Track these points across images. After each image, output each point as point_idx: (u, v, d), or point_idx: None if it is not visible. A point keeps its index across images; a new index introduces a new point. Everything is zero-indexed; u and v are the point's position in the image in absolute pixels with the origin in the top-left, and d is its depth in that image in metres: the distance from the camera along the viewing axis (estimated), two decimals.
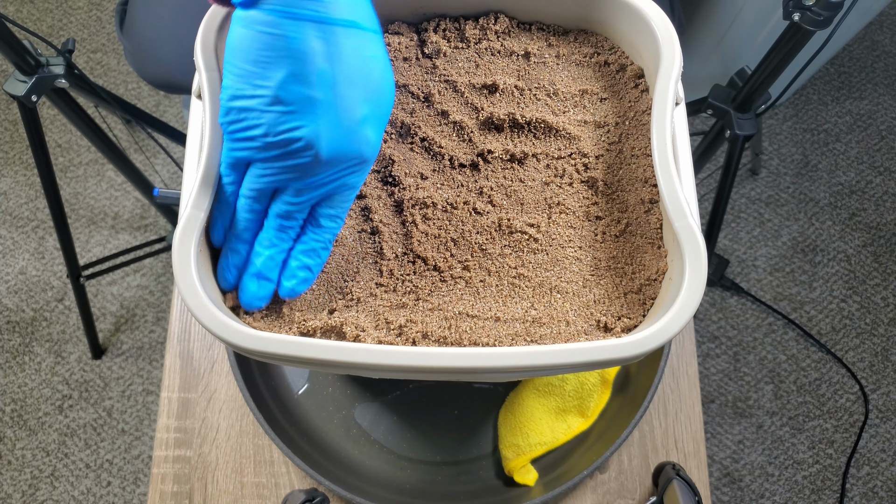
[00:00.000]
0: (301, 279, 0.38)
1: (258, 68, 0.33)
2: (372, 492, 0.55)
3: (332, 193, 0.38)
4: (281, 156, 0.35)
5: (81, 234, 1.34)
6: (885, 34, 1.53)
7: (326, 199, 0.38)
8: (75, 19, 1.50)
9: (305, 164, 0.35)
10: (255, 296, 0.38)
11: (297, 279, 0.38)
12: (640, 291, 0.39)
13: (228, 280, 0.38)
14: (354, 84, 0.34)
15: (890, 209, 1.40)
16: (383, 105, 0.37)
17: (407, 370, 0.34)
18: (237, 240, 0.38)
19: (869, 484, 1.22)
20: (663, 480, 0.55)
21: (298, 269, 0.38)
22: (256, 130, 0.35)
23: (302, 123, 0.34)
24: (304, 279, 0.39)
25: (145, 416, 1.24)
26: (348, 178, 0.37)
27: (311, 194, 0.37)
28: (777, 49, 0.72)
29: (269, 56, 0.33)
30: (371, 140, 0.36)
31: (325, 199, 0.38)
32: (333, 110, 0.34)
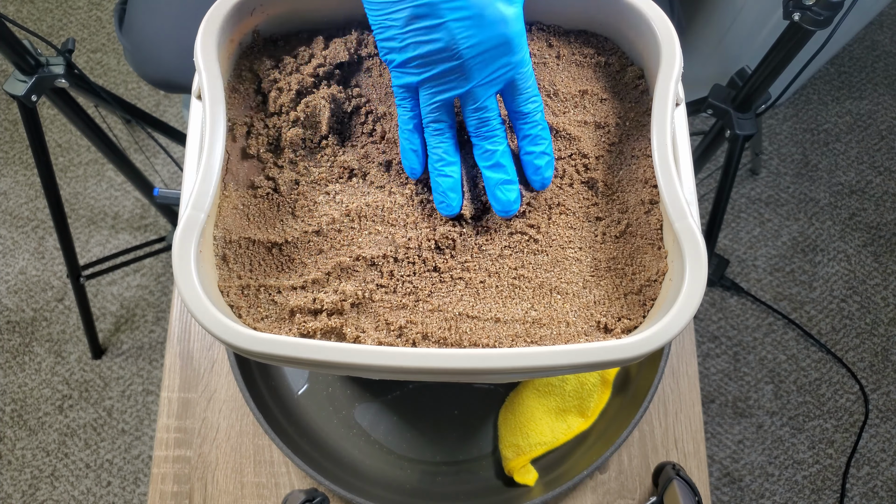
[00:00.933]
0: (544, 165, 0.40)
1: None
2: (372, 492, 0.55)
3: (510, 82, 0.38)
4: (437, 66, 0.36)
5: (81, 234, 1.34)
6: (885, 34, 1.53)
7: (509, 90, 0.39)
8: (75, 19, 1.50)
9: (460, 68, 0.36)
10: (510, 201, 0.39)
11: (541, 167, 0.40)
12: (640, 292, 0.39)
13: (452, 206, 0.40)
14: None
15: (890, 209, 1.40)
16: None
17: (407, 371, 0.34)
18: (444, 163, 0.39)
19: (869, 484, 1.22)
20: (663, 480, 0.55)
21: (535, 160, 0.40)
22: (406, 52, 0.36)
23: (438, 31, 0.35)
24: (547, 164, 0.40)
25: (145, 416, 1.24)
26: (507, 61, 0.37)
27: (486, 92, 0.38)
28: (777, 49, 0.71)
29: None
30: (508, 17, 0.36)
31: (508, 89, 0.39)
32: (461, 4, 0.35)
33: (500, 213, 0.40)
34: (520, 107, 0.39)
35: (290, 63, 0.44)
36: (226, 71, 0.43)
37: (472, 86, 0.37)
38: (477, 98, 0.38)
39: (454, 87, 0.37)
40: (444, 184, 0.40)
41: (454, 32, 0.35)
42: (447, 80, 0.37)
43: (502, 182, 0.39)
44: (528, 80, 0.39)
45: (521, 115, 0.39)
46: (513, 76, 0.38)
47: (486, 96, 0.38)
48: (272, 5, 0.43)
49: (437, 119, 0.39)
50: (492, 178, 0.39)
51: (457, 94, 0.38)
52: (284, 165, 0.43)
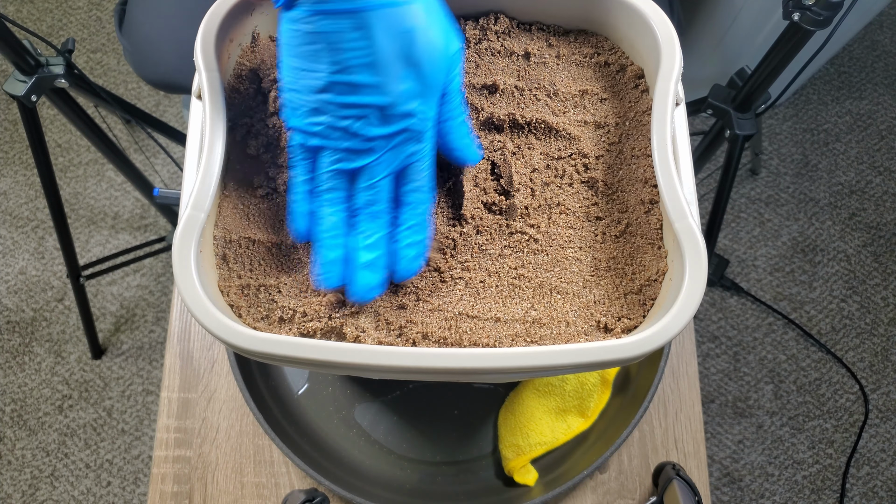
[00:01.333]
0: (412, 256, 0.39)
1: (305, 62, 0.36)
2: (372, 492, 0.55)
3: (403, 169, 0.38)
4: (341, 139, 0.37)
5: (81, 234, 1.34)
6: (885, 34, 1.53)
7: (402, 178, 0.39)
8: (75, 19, 1.50)
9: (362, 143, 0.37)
10: (369, 286, 0.38)
11: (409, 257, 0.39)
12: (640, 292, 0.39)
13: (330, 279, 0.38)
14: (392, 62, 0.35)
15: (890, 209, 1.40)
16: (429, 74, 0.37)
17: (407, 371, 0.34)
18: (330, 235, 0.38)
19: (869, 484, 1.22)
20: (663, 480, 0.55)
21: (404, 249, 0.39)
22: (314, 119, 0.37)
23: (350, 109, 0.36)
24: (416, 255, 0.39)
25: (145, 416, 1.24)
26: (406, 148, 0.38)
27: (380, 173, 0.38)
28: (777, 49, 0.71)
29: (310, 52, 0.35)
30: (417, 112, 0.37)
31: (402, 177, 0.39)
32: (376, 91, 0.35)
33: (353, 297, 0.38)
34: (406, 196, 0.39)
35: None
36: (226, 71, 0.43)
37: (372, 166, 0.37)
38: (372, 177, 0.38)
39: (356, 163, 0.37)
40: (330, 255, 0.38)
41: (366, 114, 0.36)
42: (350, 155, 0.37)
43: (369, 266, 0.38)
44: (422, 173, 0.39)
45: (406, 204, 0.39)
46: (410, 165, 0.38)
47: (381, 178, 0.38)
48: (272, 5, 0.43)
49: (333, 187, 0.38)
50: (361, 260, 0.38)
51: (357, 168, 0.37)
52: (284, 165, 0.43)
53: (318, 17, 0.34)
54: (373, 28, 0.34)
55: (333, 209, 0.38)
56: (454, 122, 0.40)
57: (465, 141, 0.41)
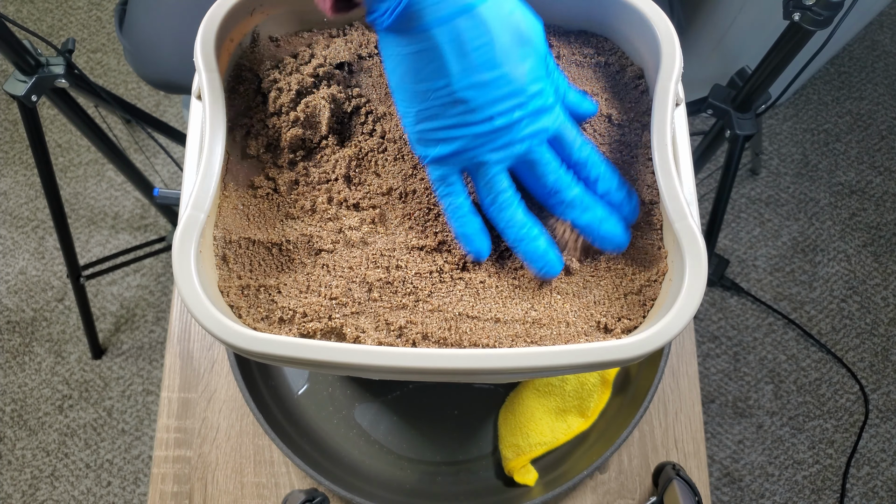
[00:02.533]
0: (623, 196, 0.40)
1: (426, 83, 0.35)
2: (372, 492, 0.55)
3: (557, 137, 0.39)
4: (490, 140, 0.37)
5: (81, 234, 1.34)
6: (885, 34, 1.53)
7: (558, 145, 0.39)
8: (75, 19, 1.50)
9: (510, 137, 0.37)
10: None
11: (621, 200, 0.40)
12: (640, 292, 0.39)
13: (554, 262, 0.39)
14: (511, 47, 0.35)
15: (890, 209, 1.40)
16: (539, 45, 0.37)
17: (407, 371, 0.34)
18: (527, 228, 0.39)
19: (869, 484, 1.22)
20: (663, 480, 0.55)
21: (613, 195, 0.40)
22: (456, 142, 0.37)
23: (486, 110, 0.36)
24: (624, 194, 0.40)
25: (145, 416, 1.24)
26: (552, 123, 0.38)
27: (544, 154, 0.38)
28: (777, 49, 0.71)
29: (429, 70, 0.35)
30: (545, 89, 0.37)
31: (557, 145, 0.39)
32: (505, 81, 0.35)
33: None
34: (572, 156, 0.39)
35: (290, 63, 0.44)
36: (226, 71, 0.43)
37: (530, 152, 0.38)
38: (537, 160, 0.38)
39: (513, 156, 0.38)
40: (540, 246, 0.39)
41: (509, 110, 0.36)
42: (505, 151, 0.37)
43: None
44: (571, 131, 0.39)
45: (577, 164, 0.40)
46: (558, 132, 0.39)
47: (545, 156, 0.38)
48: (272, 5, 0.43)
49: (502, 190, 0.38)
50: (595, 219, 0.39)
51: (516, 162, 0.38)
52: (284, 165, 0.43)
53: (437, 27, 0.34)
54: (487, 20, 0.34)
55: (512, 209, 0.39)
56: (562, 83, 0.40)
57: (578, 95, 0.42)
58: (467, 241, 0.39)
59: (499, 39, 0.34)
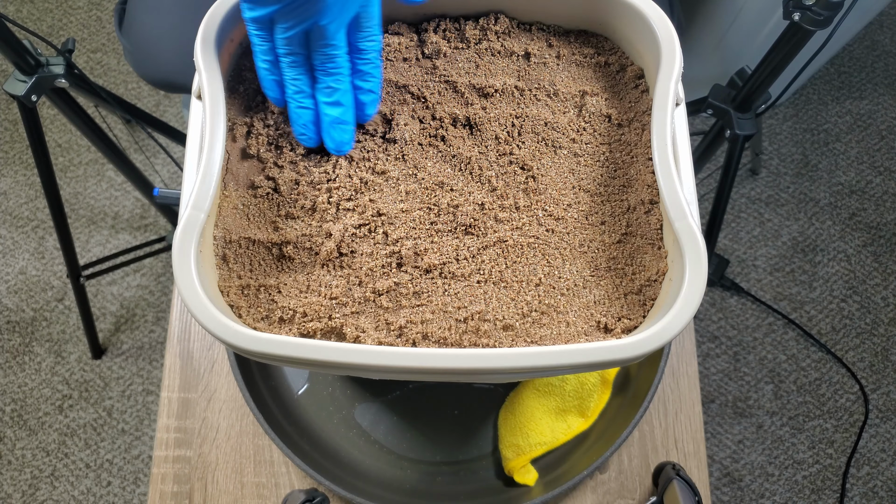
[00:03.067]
0: (368, 102, 0.41)
1: None
2: (372, 492, 0.55)
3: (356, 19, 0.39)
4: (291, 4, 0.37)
5: (81, 234, 1.34)
6: (885, 34, 1.53)
7: (354, 27, 0.40)
8: (75, 19, 1.50)
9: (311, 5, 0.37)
10: (341, 142, 0.41)
11: (365, 103, 0.41)
12: (640, 292, 0.39)
13: (308, 139, 0.41)
14: None
15: (890, 209, 1.40)
16: None
17: (407, 371, 0.34)
18: (301, 96, 0.40)
19: (869, 484, 1.22)
20: (663, 480, 0.55)
21: (362, 96, 0.41)
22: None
23: None
24: (372, 101, 0.42)
25: (145, 416, 1.24)
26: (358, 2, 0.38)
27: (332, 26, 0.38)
28: (777, 49, 0.71)
29: None
30: None
31: (353, 26, 0.40)
32: None
33: (332, 151, 0.42)
34: (358, 42, 0.40)
35: None
36: (226, 71, 0.43)
37: (324, 21, 0.38)
38: (325, 33, 0.39)
39: (306, 20, 0.38)
40: (304, 116, 0.41)
41: None
42: (300, 13, 0.38)
43: (338, 121, 0.40)
44: (371, 20, 0.40)
45: (358, 51, 0.40)
46: (360, 14, 0.39)
47: (334, 32, 0.39)
48: None
49: (292, 52, 0.40)
50: (328, 115, 0.40)
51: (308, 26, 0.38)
52: (284, 165, 0.43)
53: None
54: None
55: (297, 71, 0.40)
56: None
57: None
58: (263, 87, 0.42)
59: None
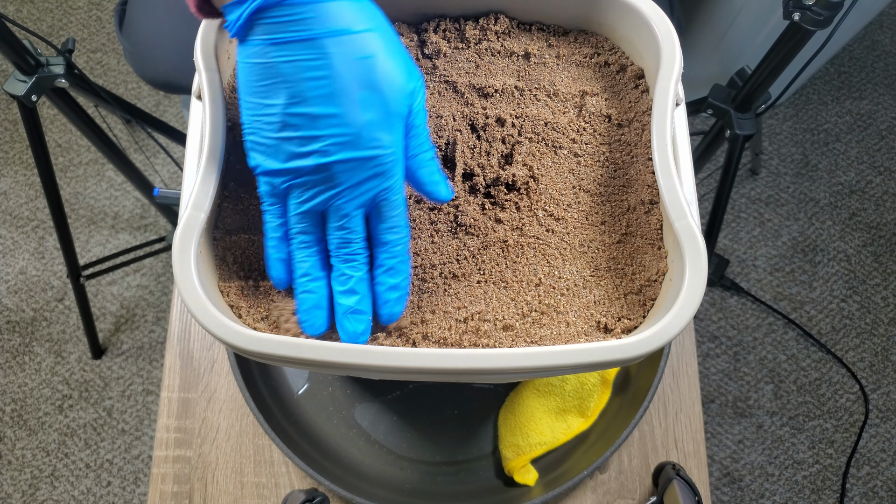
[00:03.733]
0: (394, 300, 0.38)
1: (262, 97, 0.34)
2: (372, 492, 0.55)
3: (376, 205, 0.37)
4: (306, 177, 0.35)
5: (81, 234, 1.34)
6: (885, 34, 1.53)
7: (376, 216, 0.37)
8: (75, 19, 1.50)
9: (330, 181, 0.35)
10: (354, 333, 0.37)
11: (390, 301, 0.38)
12: (640, 292, 0.39)
13: (313, 325, 0.37)
14: (352, 90, 0.34)
15: (890, 209, 1.40)
16: (392, 102, 0.35)
17: (407, 371, 0.34)
18: (305, 280, 0.37)
19: (869, 484, 1.22)
20: (663, 480, 0.55)
21: (386, 292, 0.38)
22: (276, 160, 0.35)
23: (311, 142, 0.34)
24: (397, 299, 0.38)
25: (145, 416, 1.24)
26: (377, 183, 0.36)
27: (351, 211, 0.36)
28: (777, 49, 0.71)
29: (266, 86, 0.34)
30: (383, 143, 0.35)
31: (375, 215, 0.37)
32: (337, 122, 0.34)
33: (345, 341, 0.37)
34: (381, 234, 0.37)
35: None
36: (226, 71, 0.43)
37: (339, 202, 0.36)
38: (342, 215, 0.36)
39: (322, 201, 0.36)
40: (308, 301, 0.37)
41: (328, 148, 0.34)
42: (316, 193, 0.36)
43: (352, 311, 0.37)
44: (395, 209, 0.37)
45: (381, 244, 0.38)
46: (380, 201, 0.37)
47: (351, 216, 0.36)
48: None
49: (303, 230, 0.37)
50: (342, 305, 0.37)
51: (323, 206, 0.36)
52: None
53: (274, 48, 0.33)
54: (331, 56, 0.33)
55: (306, 252, 0.37)
56: (423, 157, 0.38)
57: (436, 177, 0.39)
58: (268, 265, 0.39)
59: (339, 78, 0.33)
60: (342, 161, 0.35)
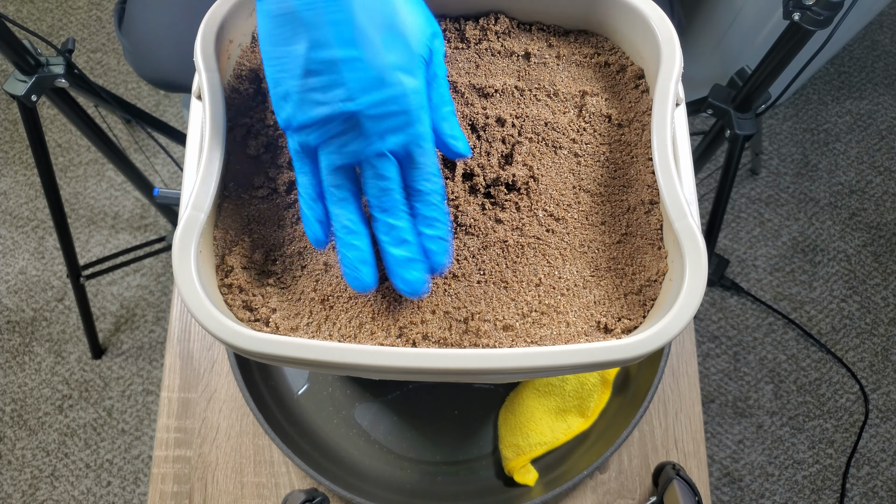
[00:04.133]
0: (438, 251, 0.37)
1: (283, 47, 0.34)
2: (372, 492, 0.55)
3: (407, 153, 0.36)
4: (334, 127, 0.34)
5: (81, 234, 1.34)
6: (885, 34, 1.53)
7: (409, 164, 0.36)
8: (75, 19, 1.50)
9: (357, 129, 0.34)
10: (415, 281, 0.36)
11: (435, 252, 0.36)
12: (640, 292, 0.39)
13: (364, 281, 0.36)
14: (374, 32, 0.33)
15: (890, 209, 1.40)
16: (415, 46, 0.35)
17: (407, 371, 0.34)
18: (350, 234, 0.36)
19: (869, 484, 1.22)
20: (663, 480, 0.55)
21: (430, 243, 0.36)
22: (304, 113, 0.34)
23: (335, 89, 0.34)
24: (442, 250, 0.37)
25: (145, 416, 1.24)
26: (406, 129, 0.35)
27: (384, 158, 0.35)
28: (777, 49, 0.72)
29: (287, 34, 0.33)
30: (407, 86, 0.34)
31: (408, 164, 0.36)
32: (360, 65, 0.33)
33: (406, 294, 0.37)
34: (415, 182, 0.36)
35: None
36: (226, 71, 0.43)
37: (372, 151, 0.35)
38: (376, 165, 0.35)
39: (353, 151, 0.35)
40: (353, 256, 0.36)
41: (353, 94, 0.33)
42: (346, 143, 0.35)
43: (407, 260, 0.36)
44: (426, 156, 0.36)
45: (416, 193, 0.36)
46: (411, 147, 0.35)
47: (385, 164, 0.35)
48: None
49: (338, 185, 0.36)
50: (395, 256, 0.36)
51: (356, 158, 0.35)
52: (284, 166, 0.43)
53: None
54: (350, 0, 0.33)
55: (345, 207, 0.36)
56: (445, 110, 0.37)
57: (457, 131, 0.38)
58: (305, 226, 0.38)
59: (359, 20, 0.33)
60: (368, 105, 0.34)
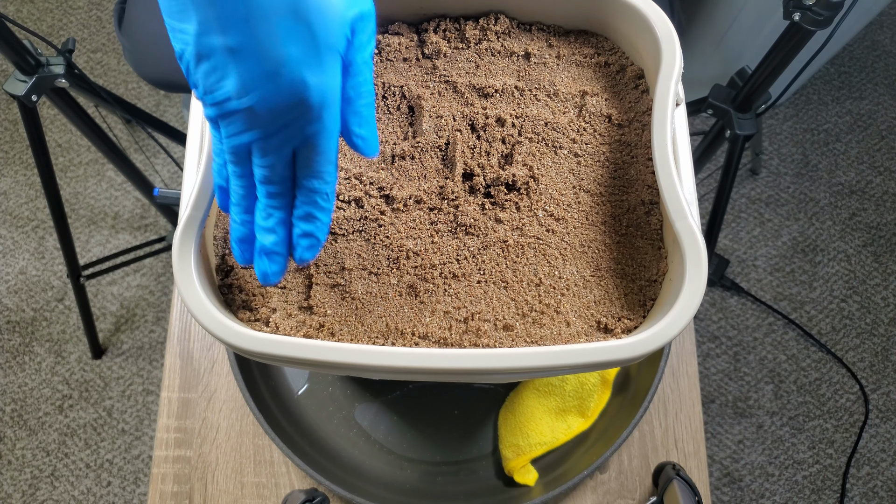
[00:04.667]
0: (305, 246, 0.35)
1: (178, 24, 0.30)
2: (372, 492, 0.55)
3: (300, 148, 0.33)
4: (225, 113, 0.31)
5: (81, 234, 1.34)
6: (885, 34, 1.53)
7: (301, 158, 0.34)
8: (75, 19, 1.50)
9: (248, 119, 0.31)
10: (265, 273, 0.35)
11: (301, 247, 0.35)
12: (640, 292, 0.39)
13: (245, 256, 0.36)
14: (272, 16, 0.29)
15: (890, 209, 1.40)
16: (323, 35, 0.30)
17: (407, 371, 0.34)
18: (238, 209, 0.35)
19: (869, 484, 1.22)
20: (663, 480, 0.55)
21: (300, 238, 0.35)
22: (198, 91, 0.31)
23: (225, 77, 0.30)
24: (309, 246, 0.35)
25: (145, 416, 1.24)
26: (301, 128, 0.32)
27: (273, 152, 0.33)
28: (777, 49, 0.71)
29: (177, 7, 0.29)
30: (309, 83, 0.31)
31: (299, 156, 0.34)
32: (251, 57, 0.29)
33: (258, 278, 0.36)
34: (304, 179, 0.34)
35: None
36: None
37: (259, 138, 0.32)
38: (263, 156, 0.33)
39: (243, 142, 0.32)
40: (238, 232, 0.35)
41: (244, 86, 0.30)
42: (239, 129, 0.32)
43: (269, 251, 0.35)
44: (319, 155, 0.33)
45: (302, 188, 0.34)
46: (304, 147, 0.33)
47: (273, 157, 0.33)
48: None
49: (234, 161, 0.34)
50: (261, 243, 0.35)
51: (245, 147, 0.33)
52: None
53: None
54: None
55: (239, 183, 0.34)
56: (360, 103, 0.34)
57: (365, 129, 0.35)
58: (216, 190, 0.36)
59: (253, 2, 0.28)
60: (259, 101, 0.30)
